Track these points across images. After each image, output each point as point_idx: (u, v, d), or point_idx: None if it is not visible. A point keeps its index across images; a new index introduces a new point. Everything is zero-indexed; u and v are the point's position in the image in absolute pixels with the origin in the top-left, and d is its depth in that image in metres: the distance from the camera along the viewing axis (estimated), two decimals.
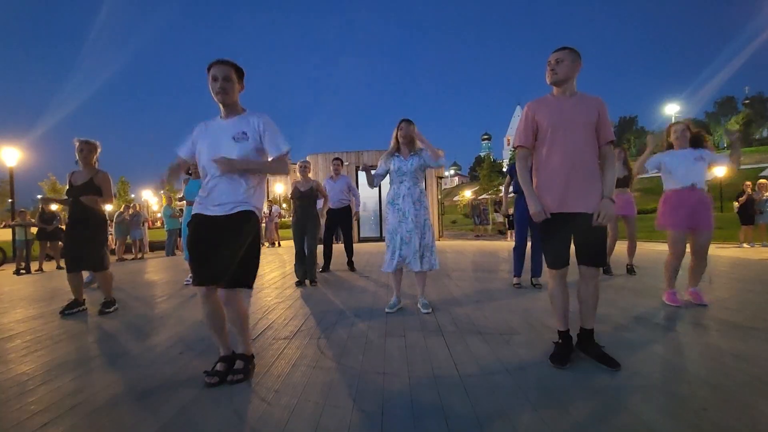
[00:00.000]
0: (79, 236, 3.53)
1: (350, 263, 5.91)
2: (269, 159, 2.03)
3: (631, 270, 4.75)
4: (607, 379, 1.87)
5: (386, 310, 3.25)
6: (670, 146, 3.35)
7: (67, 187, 3.58)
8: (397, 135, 3.31)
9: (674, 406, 1.61)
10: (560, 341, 2.15)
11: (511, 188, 4.51)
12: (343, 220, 5.82)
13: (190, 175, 5.03)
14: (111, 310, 3.56)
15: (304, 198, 4.79)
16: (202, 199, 2.00)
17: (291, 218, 5.21)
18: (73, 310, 3.52)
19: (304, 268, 4.71)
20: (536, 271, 4.22)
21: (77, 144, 3.54)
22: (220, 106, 2.02)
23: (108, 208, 3.91)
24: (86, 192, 3.50)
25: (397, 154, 3.31)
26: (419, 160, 3.26)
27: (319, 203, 5.84)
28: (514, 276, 4.25)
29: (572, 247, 2.13)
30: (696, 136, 3.27)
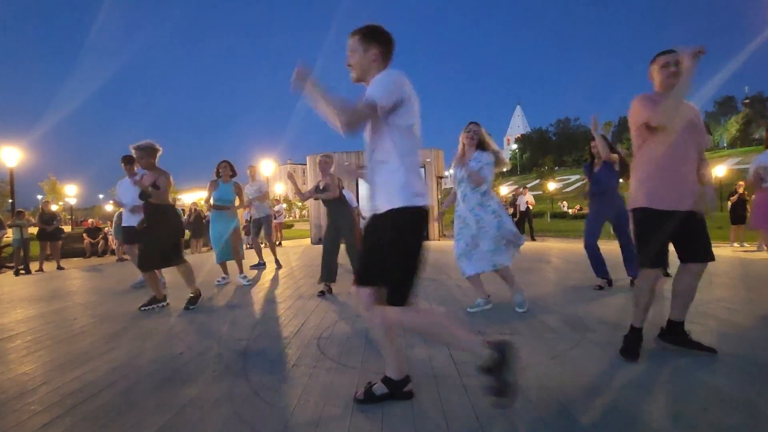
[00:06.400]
0: (153, 236, 3.60)
1: None
2: None
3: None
4: (607, 379, 1.88)
5: (468, 309, 3.16)
6: None
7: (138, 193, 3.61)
8: (463, 138, 3.12)
9: (674, 406, 1.61)
10: (631, 336, 2.13)
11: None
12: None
13: (220, 177, 4.88)
14: (197, 305, 3.62)
15: (322, 196, 4.14)
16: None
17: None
18: (151, 305, 3.63)
19: (331, 275, 4.10)
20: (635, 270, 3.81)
21: (134, 153, 3.59)
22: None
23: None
24: (150, 195, 3.56)
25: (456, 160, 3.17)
26: (464, 171, 3.06)
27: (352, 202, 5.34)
28: (599, 277, 3.91)
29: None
30: None
